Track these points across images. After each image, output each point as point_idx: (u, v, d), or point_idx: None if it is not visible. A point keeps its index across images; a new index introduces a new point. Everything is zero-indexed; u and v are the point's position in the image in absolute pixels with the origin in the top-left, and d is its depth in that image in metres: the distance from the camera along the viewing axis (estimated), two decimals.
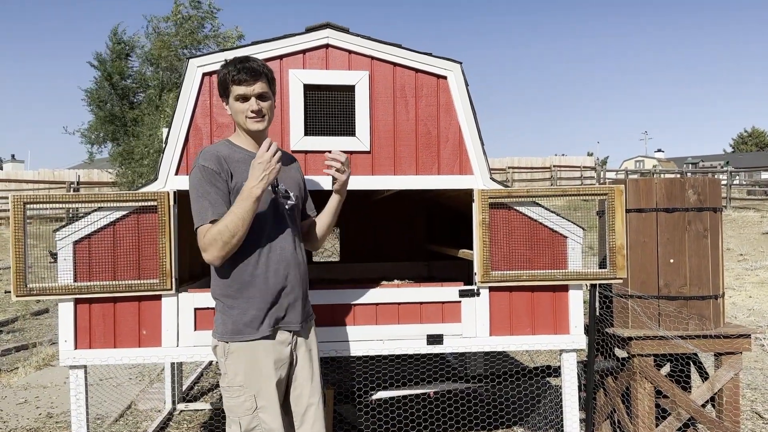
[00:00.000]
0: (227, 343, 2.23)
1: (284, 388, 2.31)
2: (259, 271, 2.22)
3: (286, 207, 2.31)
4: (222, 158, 2.21)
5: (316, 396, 2.35)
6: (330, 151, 2.44)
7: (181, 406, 4.77)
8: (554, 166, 28.25)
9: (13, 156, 53.41)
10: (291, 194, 2.34)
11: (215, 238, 2.11)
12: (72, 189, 19.76)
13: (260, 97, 2.22)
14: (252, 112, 2.21)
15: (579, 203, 13.54)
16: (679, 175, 28.05)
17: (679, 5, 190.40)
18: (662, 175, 29.79)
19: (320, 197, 2.66)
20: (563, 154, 32.34)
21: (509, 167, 28.04)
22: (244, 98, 2.21)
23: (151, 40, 15.85)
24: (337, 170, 2.39)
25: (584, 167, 28.99)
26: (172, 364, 4.64)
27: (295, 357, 2.32)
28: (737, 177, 33.95)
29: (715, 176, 27.33)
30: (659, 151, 65.06)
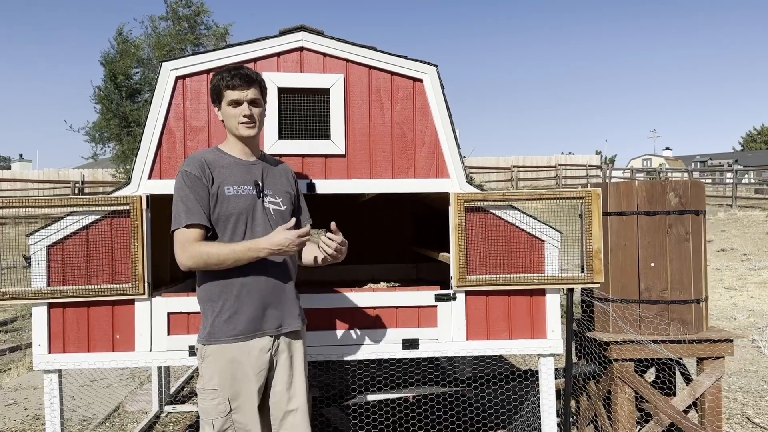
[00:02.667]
0: (204, 345, 2.24)
1: (263, 393, 2.29)
2: (239, 275, 2.21)
3: (271, 212, 2.31)
4: (206, 164, 2.24)
5: (295, 403, 2.32)
6: (333, 234, 2.25)
7: (168, 408, 4.77)
8: (559, 164, 28.11)
9: (21, 155, 53.68)
10: (279, 200, 2.34)
11: (201, 255, 2.15)
12: (77, 189, 19.86)
13: (252, 103, 2.28)
14: (244, 116, 2.25)
15: (574, 201, 13.43)
16: (686, 174, 27.81)
17: (688, 3, 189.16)
18: (669, 174, 29.57)
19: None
20: (571, 153, 32.22)
21: (514, 166, 27.95)
22: (237, 103, 2.26)
23: (150, 42, 15.87)
24: (329, 253, 2.25)
25: (590, 166, 28.82)
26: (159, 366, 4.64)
27: (275, 362, 2.30)
28: (745, 175, 33.70)
29: (722, 174, 26.98)
30: (667, 149, 64.65)
